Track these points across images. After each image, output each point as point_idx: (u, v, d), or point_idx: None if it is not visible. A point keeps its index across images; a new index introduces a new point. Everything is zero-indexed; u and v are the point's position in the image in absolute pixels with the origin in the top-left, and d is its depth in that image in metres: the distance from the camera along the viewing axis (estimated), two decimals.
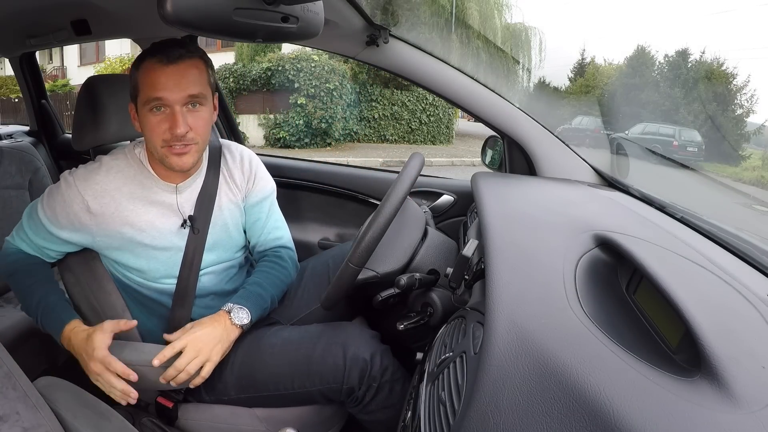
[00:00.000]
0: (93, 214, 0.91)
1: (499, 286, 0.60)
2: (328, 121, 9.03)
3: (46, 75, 14.68)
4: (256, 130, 9.40)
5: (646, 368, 0.46)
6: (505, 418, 0.42)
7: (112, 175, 0.92)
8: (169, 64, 0.85)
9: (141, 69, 0.87)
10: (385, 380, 0.92)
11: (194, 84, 0.87)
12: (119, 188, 0.92)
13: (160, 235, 0.95)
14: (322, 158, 4.02)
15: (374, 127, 10.13)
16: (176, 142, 0.87)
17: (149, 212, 0.94)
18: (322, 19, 0.86)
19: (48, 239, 0.95)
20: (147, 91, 0.86)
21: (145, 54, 0.87)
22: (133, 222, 0.93)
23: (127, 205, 0.92)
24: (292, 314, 1.14)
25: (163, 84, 0.84)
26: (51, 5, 1.32)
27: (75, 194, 0.90)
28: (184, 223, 0.97)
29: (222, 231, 1.03)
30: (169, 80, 0.84)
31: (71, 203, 0.91)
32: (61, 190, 0.92)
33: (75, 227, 0.92)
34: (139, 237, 0.93)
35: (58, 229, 0.93)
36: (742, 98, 9.71)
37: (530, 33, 11.54)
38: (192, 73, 0.87)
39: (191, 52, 0.88)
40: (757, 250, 0.74)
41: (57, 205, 0.92)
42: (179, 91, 0.85)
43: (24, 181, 1.66)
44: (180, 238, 0.98)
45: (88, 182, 0.91)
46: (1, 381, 0.61)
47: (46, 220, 0.93)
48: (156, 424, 0.97)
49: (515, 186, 1.14)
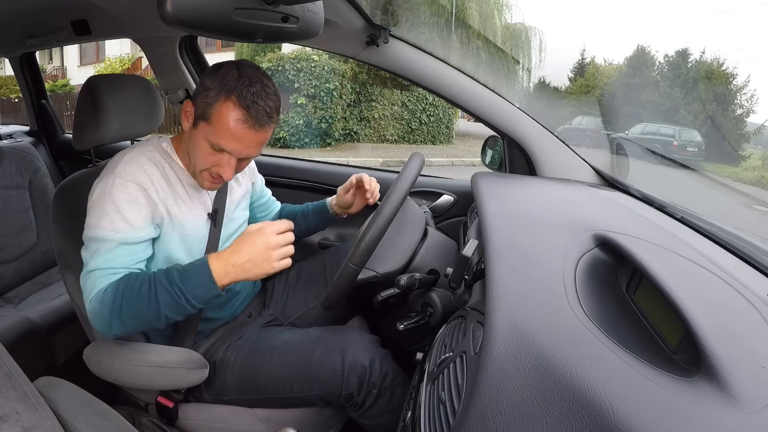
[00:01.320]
0: (152, 200, 0.89)
1: (499, 286, 0.60)
2: (328, 121, 9.03)
3: (46, 75, 14.68)
4: None
5: (646, 368, 0.46)
6: (505, 418, 0.42)
7: (153, 165, 0.92)
8: (256, 131, 0.85)
9: (224, 107, 0.83)
10: (386, 386, 0.92)
11: (260, 149, 0.90)
12: (162, 177, 0.92)
13: (195, 227, 0.97)
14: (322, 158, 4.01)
15: (374, 127, 10.12)
16: (218, 178, 0.90)
17: (186, 203, 0.96)
18: (322, 19, 0.86)
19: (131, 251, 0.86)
20: (217, 135, 0.84)
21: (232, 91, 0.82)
22: (174, 212, 0.93)
23: (170, 194, 0.93)
24: (290, 312, 1.15)
25: (239, 144, 0.85)
26: (51, 5, 1.32)
27: (133, 187, 0.87)
28: (209, 215, 1.00)
29: (234, 223, 1.07)
30: (244, 143, 0.85)
31: (137, 198, 0.87)
32: (116, 192, 0.86)
33: (148, 220, 0.89)
34: (179, 227, 0.94)
35: (138, 232, 0.87)
36: (742, 98, 9.70)
37: (530, 33, 11.54)
38: (263, 141, 0.88)
39: (272, 116, 0.87)
40: (757, 250, 0.74)
41: (125, 208, 0.85)
42: (248, 153, 0.88)
43: (24, 181, 1.66)
44: (205, 230, 1.00)
45: (136, 173, 0.88)
46: (1, 381, 0.61)
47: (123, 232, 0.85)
48: (156, 423, 0.97)
49: (515, 186, 1.14)
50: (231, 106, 0.83)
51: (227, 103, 0.83)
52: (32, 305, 1.50)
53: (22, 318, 1.36)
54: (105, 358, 0.93)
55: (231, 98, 0.82)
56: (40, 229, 1.68)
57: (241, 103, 0.82)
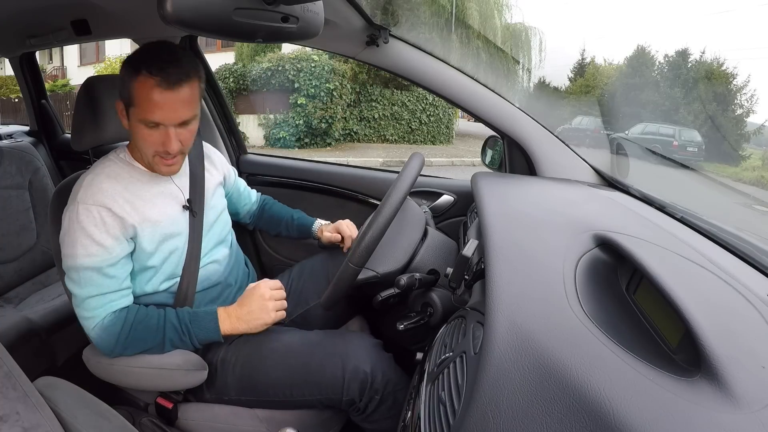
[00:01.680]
0: (119, 216, 0.90)
1: (499, 286, 0.60)
2: (328, 121, 9.03)
3: (46, 75, 14.68)
4: (256, 130, 9.40)
5: (646, 368, 0.46)
6: (505, 418, 0.42)
7: (112, 180, 0.92)
8: (167, 90, 0.84)
9: (137, 83, 0.85)
10: (388, 392, 0.92)
11: (189, 109, 0.88)
12: (126, 188, 0.93)
13: (171, 223, 0.97)
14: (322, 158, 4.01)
15: (374, 127, 10.12)
16: (167, 155, 0.90)
17: (156, 204, 0.96)
18: (322, 19, 0.86)
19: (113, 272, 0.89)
20: (143, 111, 0.86)
21: (141, 65, 0.84)
22: (148, 216, 0.94)
23: (136, 201, 0.93)
24: (290, 311, 1.15)
25: (161, 109, 0.85)
26: (51, 5, 1.32)
27: (97, 210, 0.88)
28: (184, 206, 1.01)
29: (214, 209, 1.08)
30: (167, 104, 0.85)
31: (103, 220, 0.88)
32: (83, 222, 0.87)
33: (119, 238, 0.90)
34: (157, 228, 0.95)
35: (110, 252, 0.88)
36: (742, 98, 9.69)
37: (530, 33, 11.53)
38: (187, 98, 0.87)
39: (188, 73, 0.86)
40: (757, 250, 0.74)
41: (94, 232, 0.87)
42: (176, 118, 0.87)
43: (24, 181, 1.66)
44: (184, 222, 1.00)
45: (97, 195, 0.89)
46: (1, 381, 0.61)
47: (99, 258, 0.87)
48: (156, 424, 0.97)
49: (515, 186, 1.14)
50: (142, 79, 0.84)
51: (139, 78, 0.84)
52: (32, 305, 1.50)
53: (22, 318, 1.36)
54: (104, 358, 0.93)
55: (140, 72, 0.84)
56: (40, 229, 1.68)
57: (150, 72, 0.84)
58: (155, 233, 0.94)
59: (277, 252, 1.57)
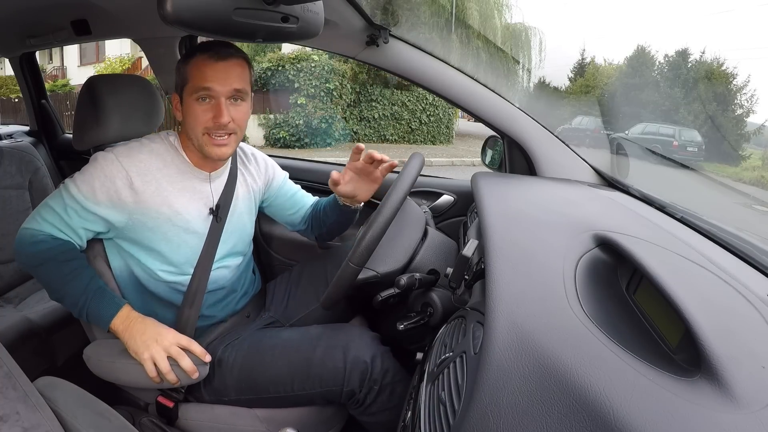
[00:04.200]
0: (135, 190, 0.92)
1: (499, 286, 0.60)
2: (328, 121, 9.03)
3: (46, 75, 14.68)
4: (256, 130, 9.40)
5: (646, 368, 0.46)
6: (505, 418, 0.42)
7: (154, 156, 0.95)
8: (219, 61, 0.92)
9: (191, 63, 0.93)
10: (386, 382, 0.93)
11: (239, 79, 0.93)
12: (160, 169, 0.95)
13: (192, 220, 0.98)
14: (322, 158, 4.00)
15: (374, 127, 10.13)
16: (218, 131, 0.93)
17: (184, 196, 0.97)
18: (322, 19, 0.86)
19: (83, 216, 0.93)
20: (196, 82, 0.92)
21: (195, 50, 0.94)
22: (171, 203, 0.95)
23: (167, 186, 0.95)
24: (291, 314, 1.15)
25: (213, 77, 0.91)
26: (51, 5, 1.32)
27: (119, 169, 0.91)
28: (211, 210, 1.01)
29: (238, 220, 1.08)
30: (218, 74, 0.91)
31: (114, 178, 0.91)
32: (100, 165, 0.92)
33: (113, 203, 0.92)
34: (175, 219, 0.96)
35: (95, 204, 0.92)
36: (742, 98, 9.70)
37: (530, 33, 11.54)
38: (237, 70, 0.93)
39: (238, 51, 0.95)
40: (757, 250, 0.74)
41: (96, 180, 0.91)
42: (226, 85, 0.92)
43: (24, 181, 1.66)
44: (205, 226, 1.01)
45: (132, 159, 0.93)
46: (1, 381, 0.61)
47: (82, 196, 0.91)
48: (156, 424, 0.97)
49: (515, 186, 1.14)
50: (197, 59, 0.93)
51: (194, 60, 0.93)
52: (32, 305, 1.50)
53: (22, 318, 1.36)
54: (105, 357, 0.93)
55: (195, 56, 0.93)
56: None
57: (203, 51, 0.93)
58: (169, 221, 0.95)
59: (277, 252, 1.57)
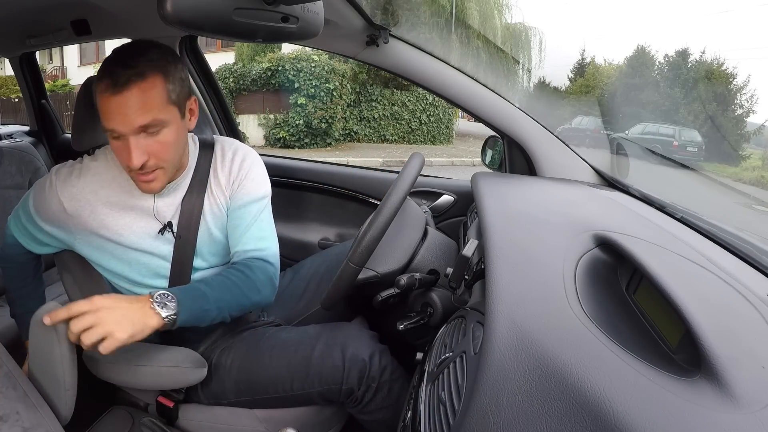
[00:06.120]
0: (70, 215, 0.90)
1: (499, 286, 0.60)
2: (328, 121, 9.03)
3: (46, 75, 14.67)
4: (256, 130, 9.40)
5: (646, 368, 0.46)
6: (505, 418, 0.42)
7: (88, 178, 0.90)
8: (114, 94, 0.75)
9: (96, 90, 0.78)
10: (384, 380, 0.92)
11: (143, 112, 0.77)
12: (95, 191, 0.90)
13: (138, 240, 0.92)
14: (322, 158, 4.01)
15: (374, 127, 10.12)
16: (138, 171, 0.81)
17: (125, 216, 0.91)
18: (322, 19, 0.86)
19: (35, 228, 0.94)
20: (102, 118, 0.79)
21: (99, 71, 0.78)
22: (110, 225, 0.90)
23: (102, 209, 0.90)
24: (292, 316, 1.14)
25: (112, 115, 0.76)
26: (51, 5, 1.32)
27: (53, 194, 0.90)
28: (162, 229, 0.92)
29: (205, 235, 0.96)
30: (117, 110, 0.76)
31: (50, 202, 0.90)
32: (44, 187, 0.91)
33: (55, 223, 0.92)
34: (118, 239, 0.91)
35: (42, 221, 0.92)
36: (742, 98, 9.71)
37: (530, 33, 11.54)
38: (140, 101, 0.76)
39: (142, 73, 0.76)
40: (757, 250, 0.74)
41: (40, 200, 0.92)
42: (127, 124, 0.77)
43: (24, 181, 1.66)
44: (163, 244, 0.93)
45: (65, 184, 0.90)
46: (1, 381, 0.61)
47: (33, 210, 0.92)
48: (156, 424, 0.97)
49: (515, 186, 1.14)
50: (97, 87, 0.77)
51: (96, 87, 0.78)
52: None
53: None
54: (105, 358, 0.93)
55: (97, 81, 0.77)
56: None
57: (100, 76, 0.76)
58: (111, 242, 0.91)
59: None
